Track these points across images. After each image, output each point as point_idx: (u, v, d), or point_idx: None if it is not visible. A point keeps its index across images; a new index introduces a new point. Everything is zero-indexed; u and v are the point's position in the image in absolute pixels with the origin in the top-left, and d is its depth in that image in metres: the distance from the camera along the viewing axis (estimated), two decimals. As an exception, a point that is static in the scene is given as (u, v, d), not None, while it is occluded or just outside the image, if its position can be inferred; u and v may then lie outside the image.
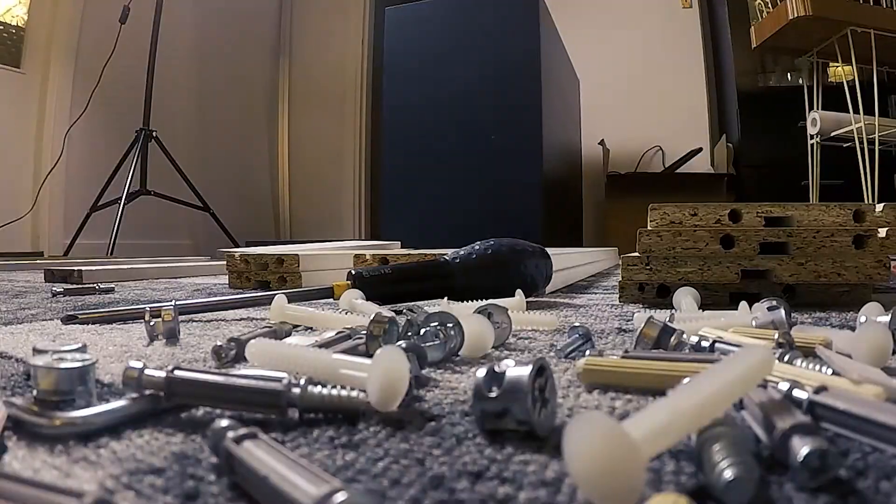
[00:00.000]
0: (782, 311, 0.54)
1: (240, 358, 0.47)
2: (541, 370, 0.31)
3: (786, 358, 0.39)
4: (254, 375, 0.33)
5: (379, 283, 0.80)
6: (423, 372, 0.43)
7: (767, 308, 0.56)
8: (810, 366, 0.37)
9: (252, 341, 0.40)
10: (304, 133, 3.95)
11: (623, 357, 0.40)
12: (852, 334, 0.43)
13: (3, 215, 2.55)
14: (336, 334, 0.49)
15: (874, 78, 2.17)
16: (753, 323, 0.54)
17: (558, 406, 0.34)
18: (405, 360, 0.34)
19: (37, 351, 0.38)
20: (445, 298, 0.75)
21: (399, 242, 1.67)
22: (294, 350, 0.38)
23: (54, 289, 1.06)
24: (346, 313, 0.63)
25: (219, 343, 0.47)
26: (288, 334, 0.59)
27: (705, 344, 0.45)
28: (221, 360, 0.46)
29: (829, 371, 0.36)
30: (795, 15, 2.45)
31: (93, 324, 0.69)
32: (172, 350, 0.54)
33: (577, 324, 0.53)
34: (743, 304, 0.61)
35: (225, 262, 1.26)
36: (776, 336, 0.44)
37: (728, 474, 0.22)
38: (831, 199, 0.87)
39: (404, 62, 1.82)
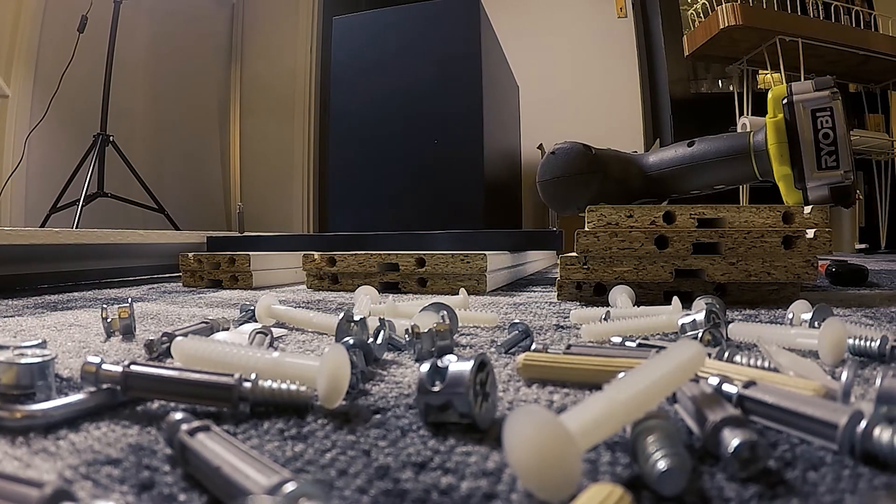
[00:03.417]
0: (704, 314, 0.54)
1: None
2: (482, 365, 0.32)
3: (725, 355, 0.40)
4: (207, 370, 0.34)
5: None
6: (370, 368, 0.44)
7: (705, 304, 0.57)
8: (747, 360, 0.39)
9: (178, 339, 0.40)
10: (255, 136, 3.94)
11: (564, 353, 0.42)
12: (817, 332, 0.44)
13: (-34, 218, 2.50)
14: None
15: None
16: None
17: (499, 399, 0.36)
18: (346, 360, 0.34)
19: (-2, 347, 0.38)
20: (391, 296, 0.76)
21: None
22: (218, 348, 0.38)
23: None
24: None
25: (151, 338, 0.48)
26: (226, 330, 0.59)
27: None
28: (153, 353, 0.47)
29: (768, 365, 0.38)
30: (726, 24, 2.53)
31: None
32: (129, 346, 0.54)
33: (517, 320, 0.54)
34: (675, 301, 0.64)
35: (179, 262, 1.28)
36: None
37: (661, 465, 0.23)
38: (761, 202, 0.88)
39: (351, 68, 1.84)
